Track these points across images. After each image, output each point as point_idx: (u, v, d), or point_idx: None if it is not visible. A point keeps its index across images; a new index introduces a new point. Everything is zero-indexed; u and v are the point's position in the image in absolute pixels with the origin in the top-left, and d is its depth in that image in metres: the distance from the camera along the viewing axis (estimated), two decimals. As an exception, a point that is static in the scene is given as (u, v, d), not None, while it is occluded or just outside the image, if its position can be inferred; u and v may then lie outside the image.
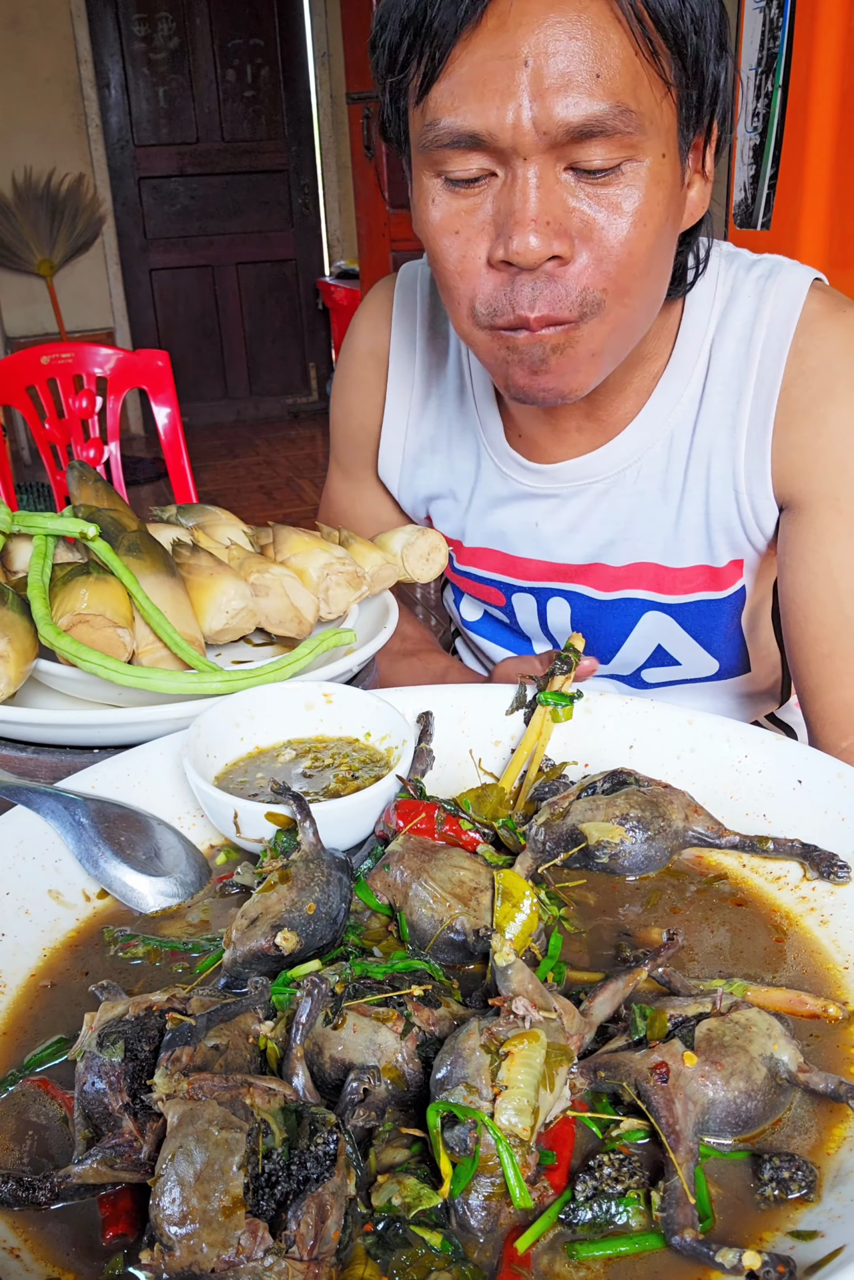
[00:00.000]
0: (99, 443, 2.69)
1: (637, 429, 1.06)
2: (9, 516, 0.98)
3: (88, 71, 6.25)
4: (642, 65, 0.80)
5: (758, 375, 1.00)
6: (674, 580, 1.10)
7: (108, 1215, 0.50)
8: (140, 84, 6.49)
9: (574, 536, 1.12)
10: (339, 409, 1.29)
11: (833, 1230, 0.46)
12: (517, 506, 1.14)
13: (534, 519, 1.14)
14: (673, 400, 1.04)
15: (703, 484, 1.05)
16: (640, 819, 0.71)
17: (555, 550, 1.14)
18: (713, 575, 1.09)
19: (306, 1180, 0.45)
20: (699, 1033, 0.52)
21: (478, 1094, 0.47)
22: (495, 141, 0.81)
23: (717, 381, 1.02)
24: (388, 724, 0.80)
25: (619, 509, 1.09)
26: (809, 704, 0.99)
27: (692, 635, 1.14)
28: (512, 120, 0.80)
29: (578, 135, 0.80)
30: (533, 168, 0.81)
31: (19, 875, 0.70)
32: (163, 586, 0.94)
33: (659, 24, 0.80)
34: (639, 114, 0.81)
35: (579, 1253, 0.46)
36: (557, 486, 1.11)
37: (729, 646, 1.16)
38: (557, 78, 0.78)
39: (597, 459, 1.08)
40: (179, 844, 0.75)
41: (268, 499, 5.52)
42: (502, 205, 0.84)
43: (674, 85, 0.83)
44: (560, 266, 0.84)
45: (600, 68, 0.79)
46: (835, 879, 0.67)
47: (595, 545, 1.11)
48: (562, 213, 0.83)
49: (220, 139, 6.76)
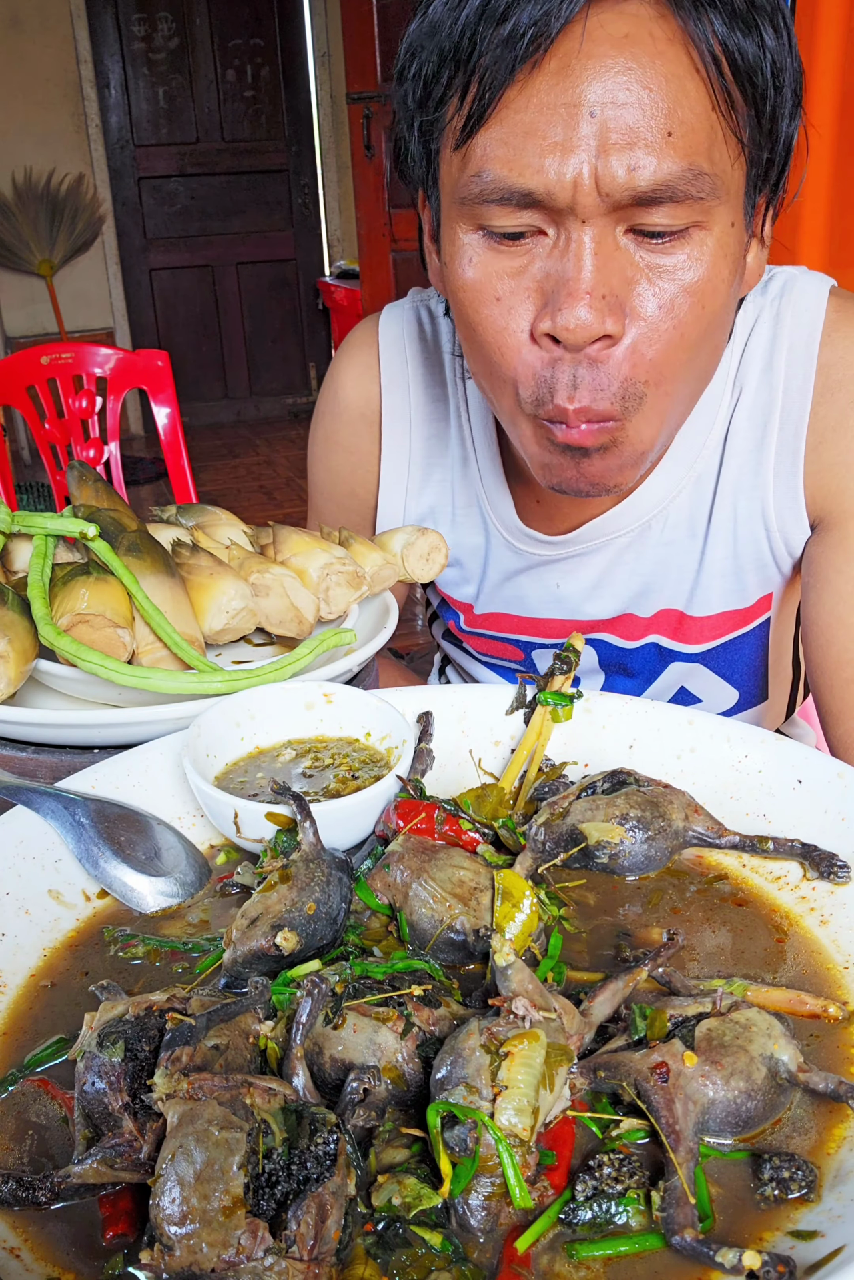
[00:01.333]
0: (99, 443, 2.69)
1: (660, 478, 0.99)
2: (9, 516, 0.98)
3: (88, 71, 6.26)
4: (717, 121, 0.72)
5: (783, 404, 0.94)
6: (700, 630, 1.04)
7: (108, 1215, 0.50)
8: (140, 84, 6.50)
9: (599, 593, 1.05)
10: (322, 470, 1.18)
11: (833, 1230, 0.46)
12: (533, 574, 1.07)
13: (554, 581, 1.06)
14: (699, 444, 0.98)
15: (730, 525, 0.99)
16: (640, 819, 0.71)
17: (580, 608, 1.07)
18: (741, 617, 1.04)
19: (307, 1180, 0.45)
20: (699, 1032, 0.52)
21: (478, 1094, 0.47)
22: (552, 200, 0.72)
23: (741, 419, 0.96)
24: (388, 724, 0.80)
25: (646, 560, 1.02)
26: (832, 728, 0.94)
27: (716, 673, 1.09)
28: (573, 178, 0.71)
29: (644, 200, 0.72)
30: (591, 230, 0.73)
31: (19, 875, 0.70)
32: (163, 586, 0.94)
33: (738, 75, 0.72)
34: (712, 177, 0.72)
35: (579, 1252, 0.46)
36: (576, 549, 1.03)
37: (751, 678, 1.11)
38: (625, 133, 0.70)
39: (618, 515, 1.00)
40: (179, 844, 0.75)
41: (268, 499, 5.53)
42: (552, 269, 0.75)
43: (748, 145, 0.75)
44: (606, 349, 0.77)
45: (674, 124, 0.70)
46: (835, 879, 0.67)
47: (623, 599, 1.05)
48: (619, 284, 0.75)
49: (220, 139, 6.76)
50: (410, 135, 0.82)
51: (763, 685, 1.12)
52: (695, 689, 1.11)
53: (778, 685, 1.15)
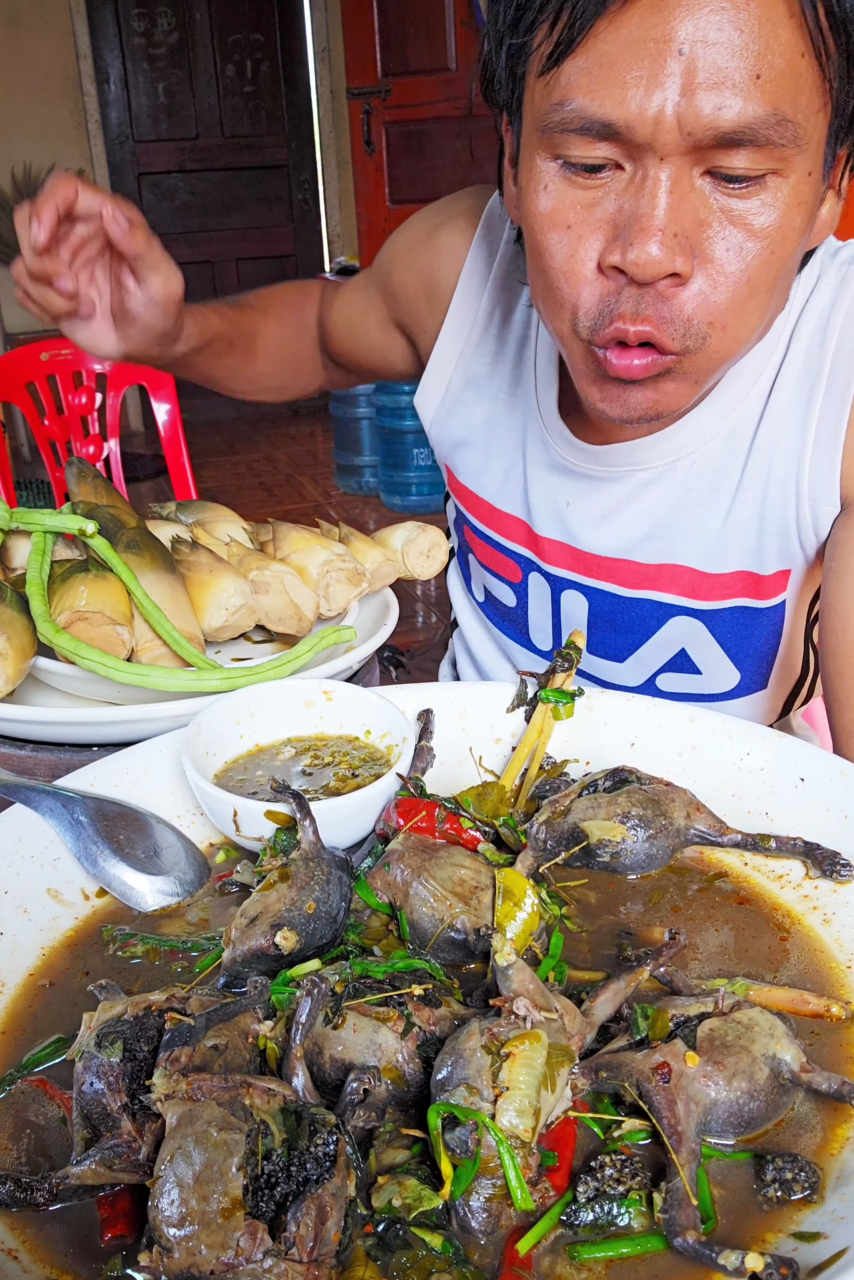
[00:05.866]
0: (98, 439, 2.69)
1: (696, 420, 0.98)
2: (8, 513, 0.97)
3: (87, 66, 6.24)
4: (806, 68, 0.71)
5: (831, 370, 0.92)
6: (711, 586, 1.03)
7: (106, 1216, 0.49)
8: (140, 79, 6.48)
9: (605, 524, 1.05)
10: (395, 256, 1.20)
11: (836, 1231, 0.46)
12: (547, 479, 1.07)
13: (565, 497, 1.06)
14: (741, 394, 0.97)
15: (761, 484, 0.97)
16: (642, 817, 0.70)
17: (581, 535, 1.06)
18: (756, 582, 1.02)
19: (306, 1181, 0.45)
20: (701, 1033, 0.52)
21: (479, 1095, 0.47)
22: (632, 134, 0.72)
23: (788, 376, 0.95)
24: (388, 722, 0.80)
25: (662, 502, 1.02)
26: (837, 715, 0.94)
27: (721, 643, 1.07)
28: (654, 114, 0.71)
29: (725, 141, 0.71)
30: (668, 169, 0.73)
31: (18, 874, 0.70)
32: (162, 583, 0.93)
33: (834, 23, 0.71)
34: (795, 124, 0.72)
35: (581, 1254, 0.46)
36: (597, 469, 1.03)
37: (756, 661, 1.09)
38: (712, 72, 0.70)
39: (648, 445, 0.99)
40: (178, 842, 0.75)
41: (268, 495, 5.52)
42: (625, 204, 0.75)
43: (835, 95, 0.74)
44: (674, 286, 0.77)
45: (763, 67, 0.70)
46: (838, 877, 0.67)
47: (627, 538, 1.04)
48: (691, 225, 0.75)
49: (220, 134, 6.75)
50: (498, 57, 0.81)
51: (766, 673, 1.11)
52: (698, 656, 1.09)
53: (781, 677, 1.13)
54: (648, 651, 1.10)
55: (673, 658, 1.10)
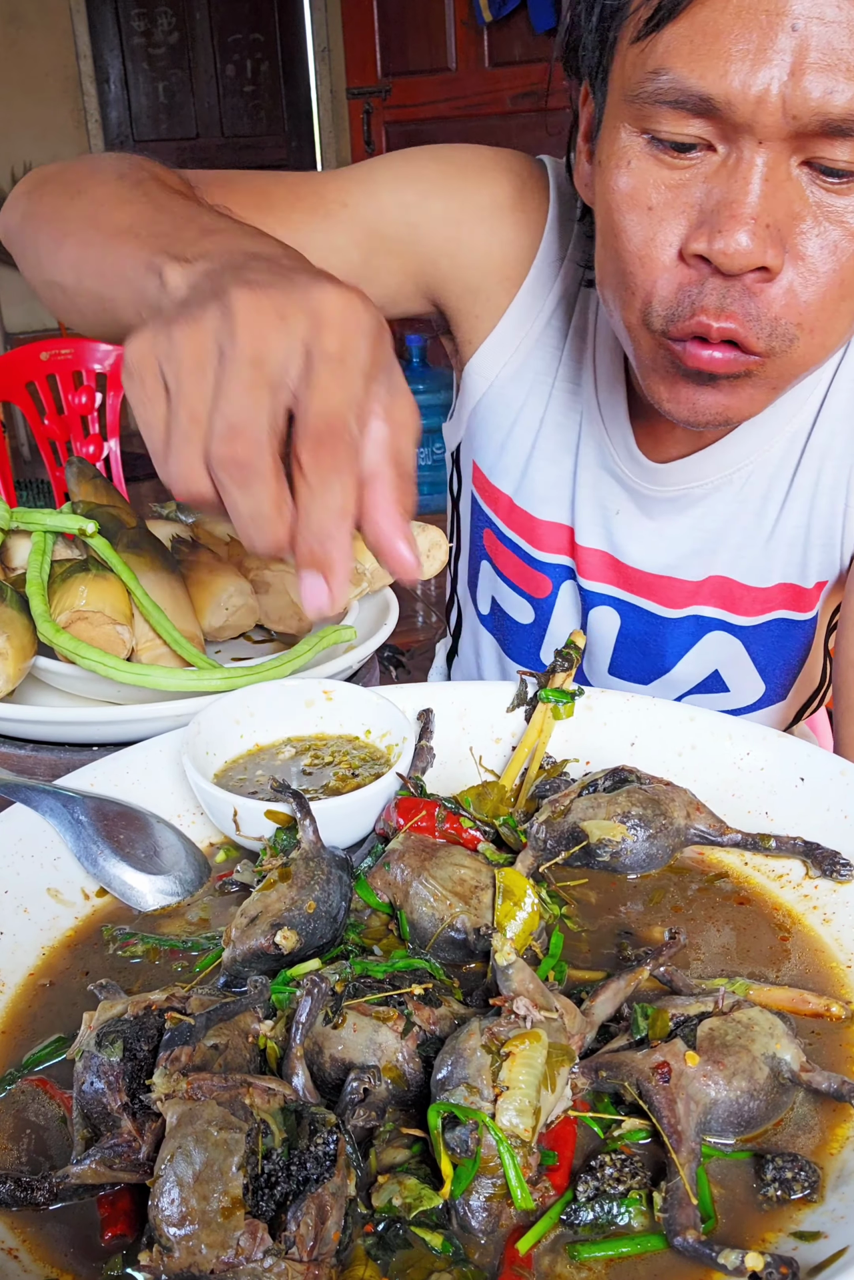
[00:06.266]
0: (98, 439, 2.69)
1: (757, 427, 0.92)
2: (8, 513, 0.97)
3: (87, 66, 6.24)
4: None
5: None
6: (752, 601, 0.98)
7: (106, 1216, 0.49)
8: (140, 79, 6.49)
9: (653, 539, 0.98)
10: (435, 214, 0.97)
11: (836, 1231, 0.46)
12: (599, 482, 0.99)
13: (616, 504, 0.98)
14: (801, 400, 0.92)
15: (810, 490, 0.93)
16: (642, 817, 0.70)
17: (626, 547, 0.99)
18: (797, 595, 0.98)
19: (306, 1181, 0.45)
20: (701, 1032, 0.52)
21: (479, 1094, 0.47)
22: (731, 112, 0.67)
23: (845, 378, 0.90)
24: (388, 721, 0.80)
25: (715, 516, 0.96)
26: (845, 726, 0.91)
27: (754, 660, 1.02)
28: (759, 92, 0.65)
29: (831, 129, 0.66)
30: (765, 154, 0.68)
31: (18, 873, 0.70)
32: (162, 583, 0.93)
33: None
34: None
35: (580, 1254, 0.46)
36: (654, 489, 0.96)
37: (784, 673, 1.05)
38: (826, 52, 0.64)
39: (707, 457, 0.94)
40: (178, 842, 0.75)
41: (268, 495, 5.52)
42: (715, 189, 0.70)
43: None
44: (762, 281, 0.72)
45: None
46: (838, 877, 0.67)
47: (676, 554, 0.98)
48: (785, 217, 0.70)
49: (220, 134, 6.75)
50: (588, 20, 0.76)
51: (790, 685, 1.08)
52: (729, 675, 1.04)
53: (800, 688, 1.10)
54: (681, 671, 1.04)
55: (704, 679, 1.04)
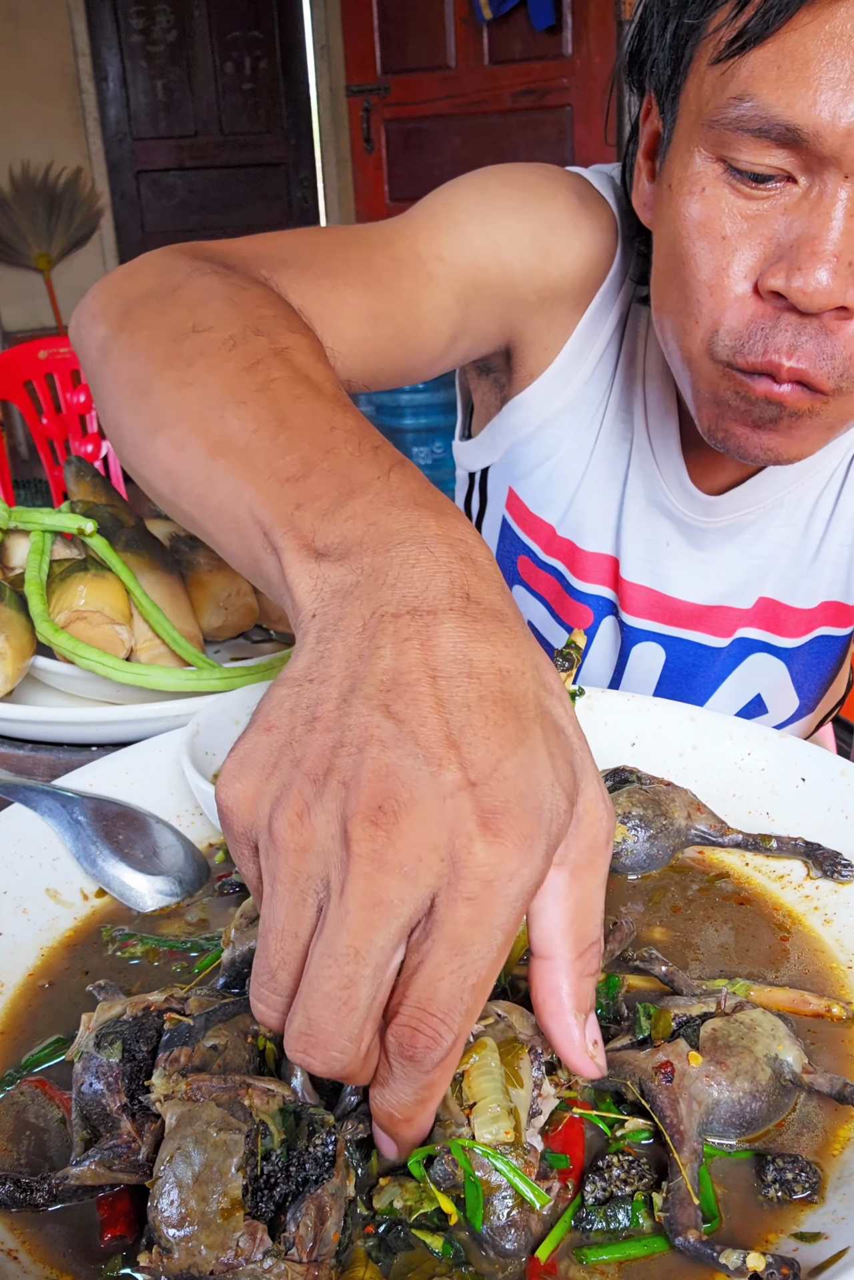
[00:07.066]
0: (97, 438, 2.68)
1: None
2: (6, 512, 0.97)
3: (85, 64, 6.23)
4: None
5: None
6: (797, 623, 0.95)
7: (106, 1217, 0.49)
8: (138, 77, 6.47)
9: (704, 569, 0.95)
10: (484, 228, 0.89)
11: (837, 1232, 0.46)
12: (647, 515, 0.95)
13: (665, 537, 0.94)
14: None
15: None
16: (642, 817, 0.70)
17: (673, 581, 0.95)
18: (840, 612, 0.95)
19: (305, 1181, 0.45)
20: (704, 1033, 0.52)
21: (452, 1124, 0.46)
22: (819, 144, 0.64)
23: None
24: (388, 721, 0.79)
25: (765, 541, 0.93)
26: None
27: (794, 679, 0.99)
28: (849, 123, 0.62)
29: None
30: (850, 188, 0.65)
31: (16, 874, 0.70)
32: (161, 583, 0.93)
33: None
34: None
35: (587, 1257, 0.45)
36: (704, 520, 0.93)
37: (818, 688, 1.02)
38: None
39: (759, 484, 0.91)
40: (178, 842, 0.75)
41: (267, 494, 5.51)
42: (795, 223, 0.68)
43: None
44: (839, 320, 0.70)
45: None
46: (839, 878, 0.67)
47: (727, 584, 0.95)
48: None
49: (219, 132, 6.74)
50: (662, 37, 0.72)
51: (820, 698, 1.05)
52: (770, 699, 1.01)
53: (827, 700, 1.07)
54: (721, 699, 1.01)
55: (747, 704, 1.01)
